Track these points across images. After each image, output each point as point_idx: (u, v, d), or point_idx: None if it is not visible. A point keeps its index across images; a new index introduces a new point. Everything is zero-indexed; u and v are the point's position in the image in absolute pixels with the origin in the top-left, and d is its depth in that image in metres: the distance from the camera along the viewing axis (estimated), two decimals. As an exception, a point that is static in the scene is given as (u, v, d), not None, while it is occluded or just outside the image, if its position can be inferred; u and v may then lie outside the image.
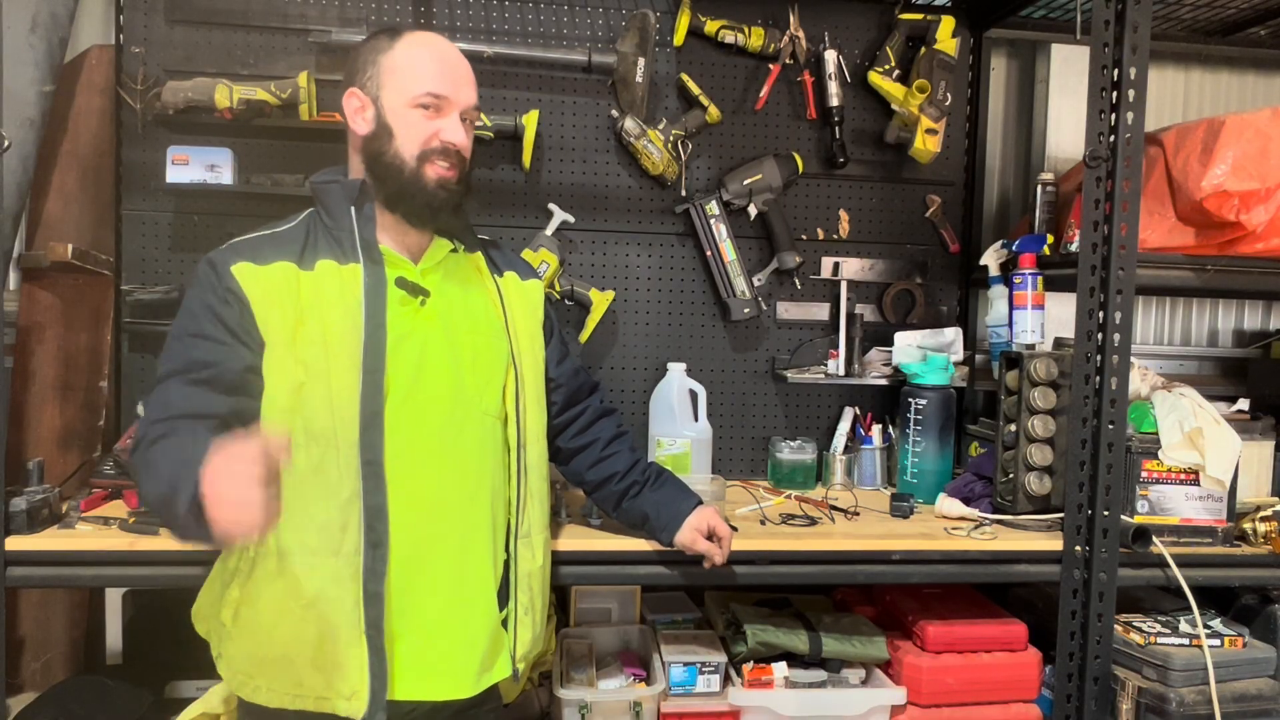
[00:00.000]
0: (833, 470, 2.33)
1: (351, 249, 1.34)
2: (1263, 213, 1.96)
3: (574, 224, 2.31)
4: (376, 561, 1.28)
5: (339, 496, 1.28)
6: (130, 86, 2.15)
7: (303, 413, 1.29)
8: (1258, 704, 1.83)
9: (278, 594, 1.29)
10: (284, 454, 1.06)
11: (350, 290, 1.32)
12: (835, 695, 1.90)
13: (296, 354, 1.29)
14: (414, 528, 1.33)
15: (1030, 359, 1.89)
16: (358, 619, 1.27)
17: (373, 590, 1.27)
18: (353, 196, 1.36)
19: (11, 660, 2.17)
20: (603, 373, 2.40)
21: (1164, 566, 1.81)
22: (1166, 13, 2.52)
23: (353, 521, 1.28)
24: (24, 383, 2.17)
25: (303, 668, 1.28)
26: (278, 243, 1.35)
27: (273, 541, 1.29)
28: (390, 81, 1.35)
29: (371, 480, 1.28)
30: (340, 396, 1.28)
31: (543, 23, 2.32)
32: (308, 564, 1.28)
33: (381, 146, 1.35)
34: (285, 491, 1.27)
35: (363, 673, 1.27)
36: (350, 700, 1.27)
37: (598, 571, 1.75)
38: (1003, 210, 2.70)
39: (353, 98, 1.38)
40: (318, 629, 1.27)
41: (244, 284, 1.29)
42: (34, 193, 2.17)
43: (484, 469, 1.42)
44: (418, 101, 1.34)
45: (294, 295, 1.31)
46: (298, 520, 1.27)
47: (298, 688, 1.29)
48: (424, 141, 1.35)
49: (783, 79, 2.36)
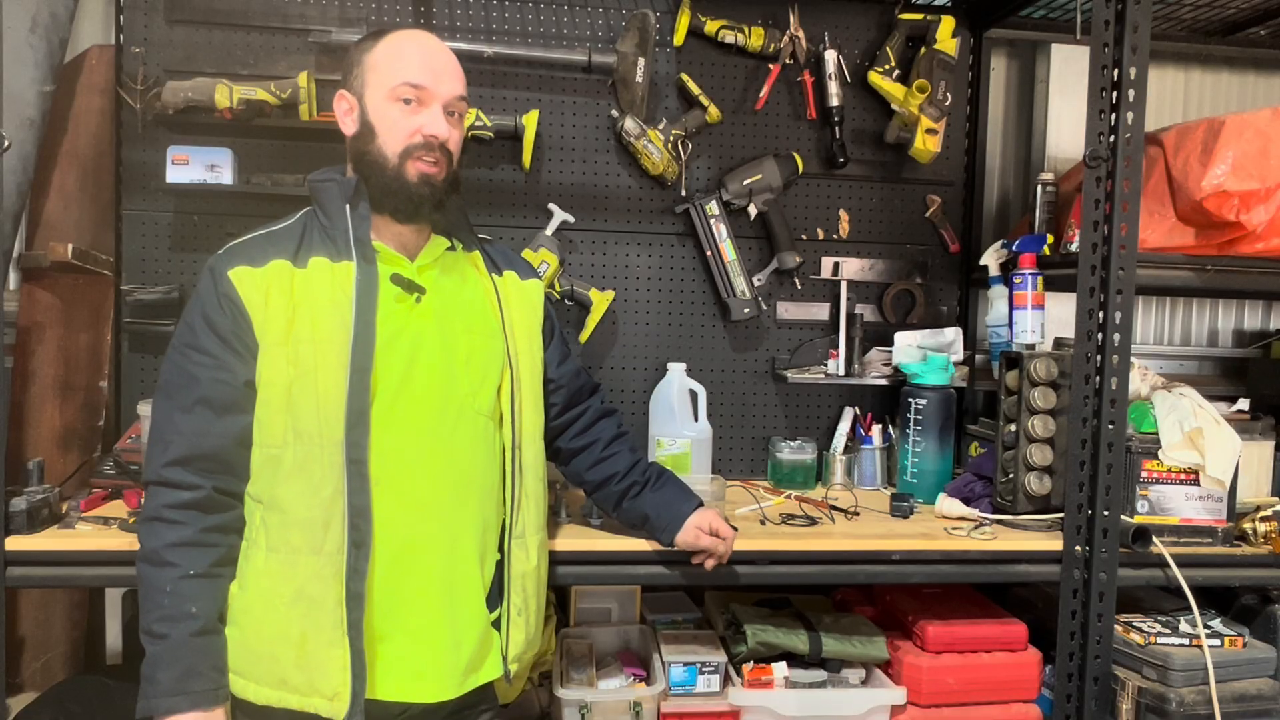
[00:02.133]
0: (833, 470, 2.33)
1: (345, 247, 1.34)
2: (1263, 213, 1.96)
3: (574, 224, 2.31)
4: (359, 561, 1.27)
5: (320, 494, 1.27)
6: (130, 86, 2.15)
7: (293, 411, 1.29)
8: (1258, 704, 1.83)
9: (264, 589, 1.29)
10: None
11: (342, 288, 1.31)
12: (835, 695, 1.90)
13: (287, 352, 1.29)
14: (402, 527, 1.32)
15: (1030, 359, 1.89)
16: (339, 619, 1.26)
17: (354, 590, 1.27)
18: (348, 195, 1.36)
19: (11, 660, 2.17)
20: (603, 373, 2.40)
21: (1164, 566, 1.81)
22: (1166, 13, 2.52)
23: (335, 520, 1.27)
24: (24, 383, 2.17)
25: (287, 665, 1.28)
26: (274, 241, 1.36)
27: (262, 537, 1.30)
28: (372, 78, 1.36)
29: (356, 479, 1.28)
30: (327, 394, 1.28)
31: (543, 23, 2.32)
32: (290, 561, 1.28)
33: (365, 145, 1.36)
34: (275, 488, 1.29)
35: (344, 673, 1.26)
36: (332, 701, 1.27)
37: (598, 571, 1.75)
38: (1003, 210, 2.70)
39: (342, 100, 1.40)
40: (300, 627, 1.27)
41: (240, 288, 1.30)
42: (34, 193, 2.17)
43: (476, 469, 1.41)
44: (397, 95, 1.34)
45: (288, 293, 1.31)
46: (283, 518, 1.28)
47: (282, 685, 1.28)
48: (406, 137, 1.34)
49: (783, 79, 2.36)
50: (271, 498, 1.30)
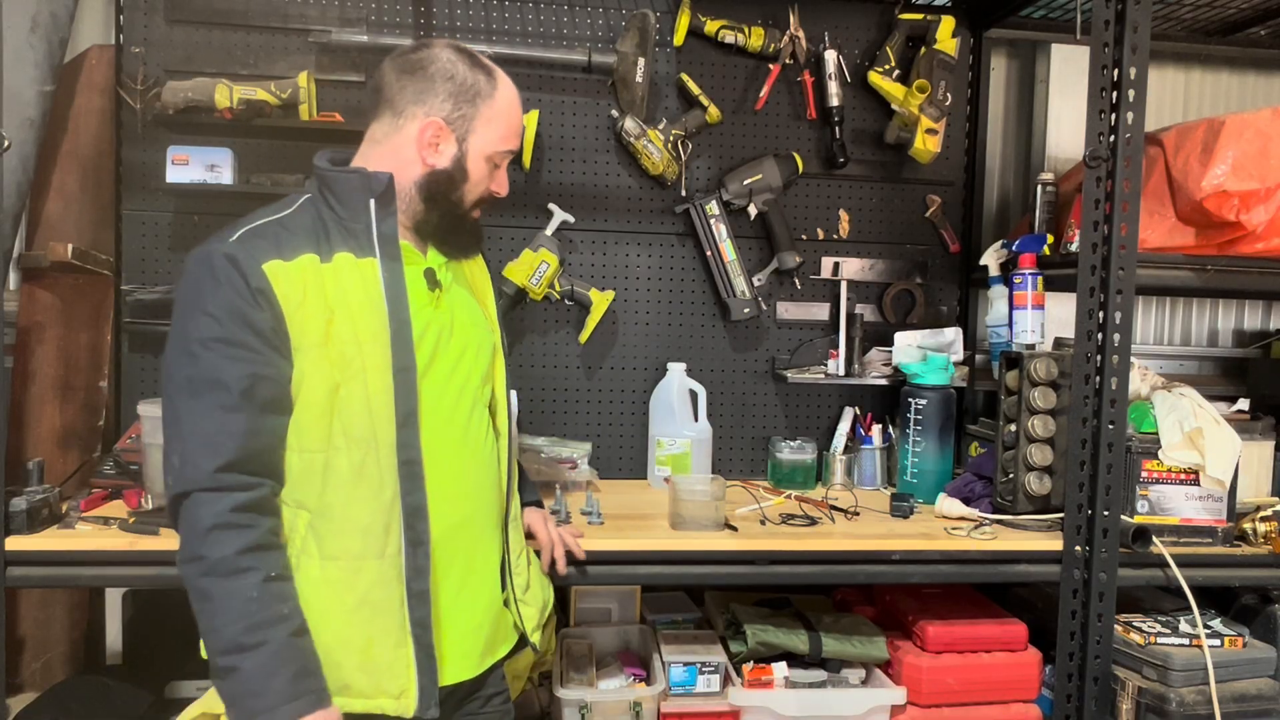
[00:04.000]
0: (833, 470, 2.33)
1: (368, 242, 1.30)
2: (1263, 213, 1.95)
3: (574, 224, 2.31)
4: (419, 559, 1.28)
5: (381, 498, 1.27)
6: (130, 86, 2.15)
7: (340, 415, 1.26)
8: (1258, 704, 1.83)
9: (322, 598, 1.26)
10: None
11: (371, 285, 1.28)
12: (835, 695, 1.90)
13: (330, 354, 1.25)
14: (440, 520, 1.33)
15: (1030, 359, 1.89)
16: (403, 619, 1.27)
17: (417, 589, 1.27)
18: (376, 190, 1.31)
19: (11, 660, 2.16)
20: (603, 373, 2.40)
21: (1164, 566, 1.81)
22: (1166, 13, 2.52)
23: (394, 522, 1.27)
24: (24, 383, 2.17)
25: (350, 670, 1.27)
26: (291, 231, 1.27)
27: (313, 546, 1.26)
28: (483, 131, 1.35)
29: (410, 479, 1.28)
30: (376, 396, 1.26)
31: (543, 23, 2.32)
32: (353, 568, 1.26)
33: (452, 187, 1.36)
34: (326, 495, 1.26)
35: (410, 670, 1.27)
36: (399, 699, 1.28)
37: (598, 571, 1.74)
38: (1003, 210, 2.70)
39: (436, 129, 1.33)
40: (365, 631, 1.27)
41: (276, 285, 1.21)
42: (34, 193, 2.17)
43: (488, 456, 1.44)
44: (497, 159, 1.38)
45: (320, 291, 1.25)
46: (340, 525, 1.26)
47: (344, 691, 1.27)
48: (484, 192, 1.40)
49: (783, 79, 2.35)
50: (321, 505, 1.26)
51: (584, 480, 2.18)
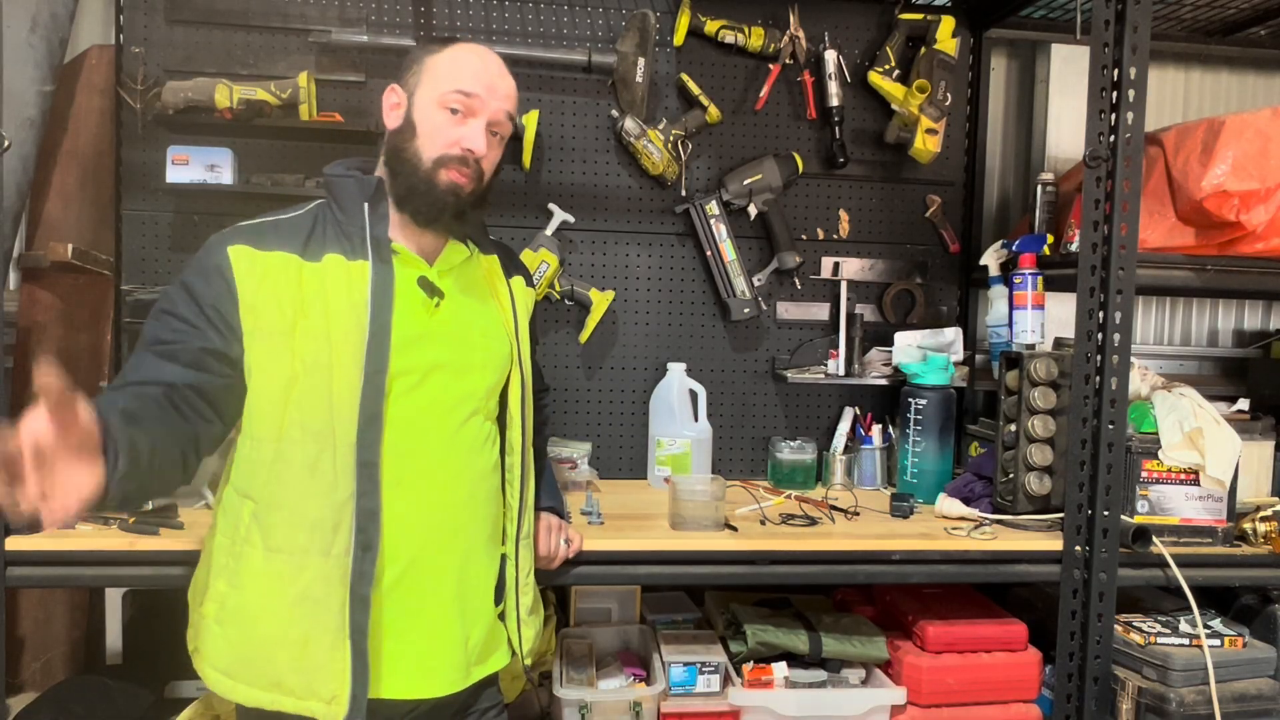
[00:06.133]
0: (833, 470, 2.33)
1: (361, 245, 1.32)
2: (1263, 213, 1.95)
3: (574, 224, 2.31)
4: (366, 564, 1.26)
5: (334, 496, 1.27)
6: (130, 86, 2.15)
7: (298, 407, 1.28)
8: (1258, 704, 1.83)
9: (262, 590, 1.28)
10: (54, 424, 0.93)
11: (357, 287, 1.30)
12: (835, 695, 1.90)
13: (294, 347, 1.28)
14: (418, 528, 1.32)
15: (1030, 359, 1.89)
16: (342, 622, 1.25)
17: (360, 594, 1.25)
18: (368, 193, 1.35)
19: (11, 660, 2.17)
20: (603, 373, 2.40)
21: (1164, 566, 1.81)
22: (1166, 13, 2.52)
23: (345, 522, 1.26)
24: (24, 383, 2.17)
25: (284, 667, 1.27)
26: (281, 231, 1.33)
27: (258, 536, 1.28)
28: (427, 79, 1.35)
29: (367, 482, 1.27)
30: (340, 395, 1.27)
31: (543, 23, 2.32)
32: (296, 562, 1.27)
33: (403, 142, 1.35)
34: (278, 486, 1.27)
35: (344, 676, 1.25)
36: (330, 704, 1.26)
37: (598, 571, 1.74)
38: (1003, 210, 2.70)
39: (392, 93, 1.38)
40: (303, 628, 1.26)
41: (236, 266, 1.27)
42: (34, 193, 2.17)
43: (484, 469, 1.42)
44: (446, 102, 1.33)
45: (294, 286, 1.29)
46: (288, 517, 1.27)
47: (276, 687, 1.27)
48: (445, 145, 1.34)
49: (783, 79, 2.36)
50: (271, 496, 1.28)
51: (584, 480, 2.19)
